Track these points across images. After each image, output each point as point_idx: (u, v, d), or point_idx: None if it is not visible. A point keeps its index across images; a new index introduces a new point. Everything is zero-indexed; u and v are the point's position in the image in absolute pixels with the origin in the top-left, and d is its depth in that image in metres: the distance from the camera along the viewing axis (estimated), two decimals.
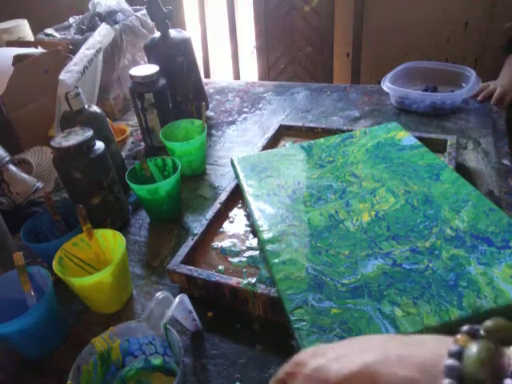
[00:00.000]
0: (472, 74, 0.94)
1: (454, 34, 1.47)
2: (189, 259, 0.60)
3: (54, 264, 0.53)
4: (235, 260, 0.61)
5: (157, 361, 0.49)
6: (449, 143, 0.76)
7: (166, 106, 0.87)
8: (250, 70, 1.93)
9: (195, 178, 0.84)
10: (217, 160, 0.89)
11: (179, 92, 0.96)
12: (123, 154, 0.94)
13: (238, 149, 0.92)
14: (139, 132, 1.02)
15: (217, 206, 0.69)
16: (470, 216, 0.55)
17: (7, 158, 0.73)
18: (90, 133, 0.64)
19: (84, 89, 0.83)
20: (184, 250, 0.60)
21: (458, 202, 0.58)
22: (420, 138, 0.76)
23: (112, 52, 1.02)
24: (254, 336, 0.52)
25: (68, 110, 0.71)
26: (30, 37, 1.26)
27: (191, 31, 1.80)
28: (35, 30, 1.22)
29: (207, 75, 1.83)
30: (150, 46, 0.93)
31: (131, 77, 0.83)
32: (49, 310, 0.51)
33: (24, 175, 0.74)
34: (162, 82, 0.85)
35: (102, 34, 0.92)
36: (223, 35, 1.82)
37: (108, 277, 0.53)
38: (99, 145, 0.66)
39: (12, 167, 0.73)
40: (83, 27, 1.13)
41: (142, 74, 0.83)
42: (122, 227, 0.72)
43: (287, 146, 0.84)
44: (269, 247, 0.56)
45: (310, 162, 0.74)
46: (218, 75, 1.95)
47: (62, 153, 0.62)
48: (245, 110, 1.09)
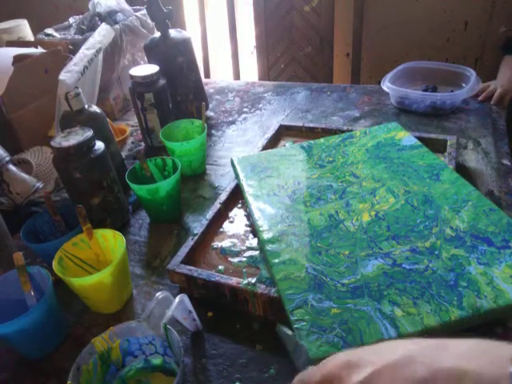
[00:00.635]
0: (472, 74, 0.94)
1: (453, 33, 1.47)
2: (189, 259, 0.60)
3: (54, 264, 0.53)
4: (235, 260, 0.60)
5: (157, 361, 0.49)
6: (449, 143, 0.76)
7: (166, 105, 0.87)
8: (250, 70, 1.93)
9: (195, 178, 0.84)
10: (217, 160, 0.89)
11: (179, 92, 0.96)
12: (123, 154, 0.94)
13: (237, 149, 0.92)
14: (139, 132, 1.02)
15: (217, 206, 0.69)
16: (469, 216, 0.55)
17: (7, 158, 0.73)
18: (89, 133, 0.64)
19: (84, 89, 0.83)
20: (184, 250, 0.60)
21: (457, 202, 0.58)
22: (420, 138, 0.76)
23: (112, 52, 1.03)
24: (253, 336, 0.52)
25: (68, 110, 0.71)
26: (30, 37, 1.26)
27: (191, 31, 1.80)
28: (35, 30, 1.22)
29: (207, 75, 1.83)
30: (150, 46, 0.93)
31: (131, 77, 0.84)
32: (49, 310, 0.51)
33: (24, 175, 0.74)
34: (161, 81, 0.85)
35: (102, 34, 0.92)
36: (223, 35, 1.82)
37: (108, 277, 0.53)
38: (99, 145, 0.66)
39: (12, 167, 0.73)
40: (83, 27, 1.13)
41: (142, 74, 0.83)
42: (122, 227, 0.72)
43: (287, 146, 0.84)
44: (269, 247, 0.56)
45: (310, 162, 0.74)
46: (218, 75, 1.95)
47: (61, 153, 0.62)
48: (245, 109, 1.09)
